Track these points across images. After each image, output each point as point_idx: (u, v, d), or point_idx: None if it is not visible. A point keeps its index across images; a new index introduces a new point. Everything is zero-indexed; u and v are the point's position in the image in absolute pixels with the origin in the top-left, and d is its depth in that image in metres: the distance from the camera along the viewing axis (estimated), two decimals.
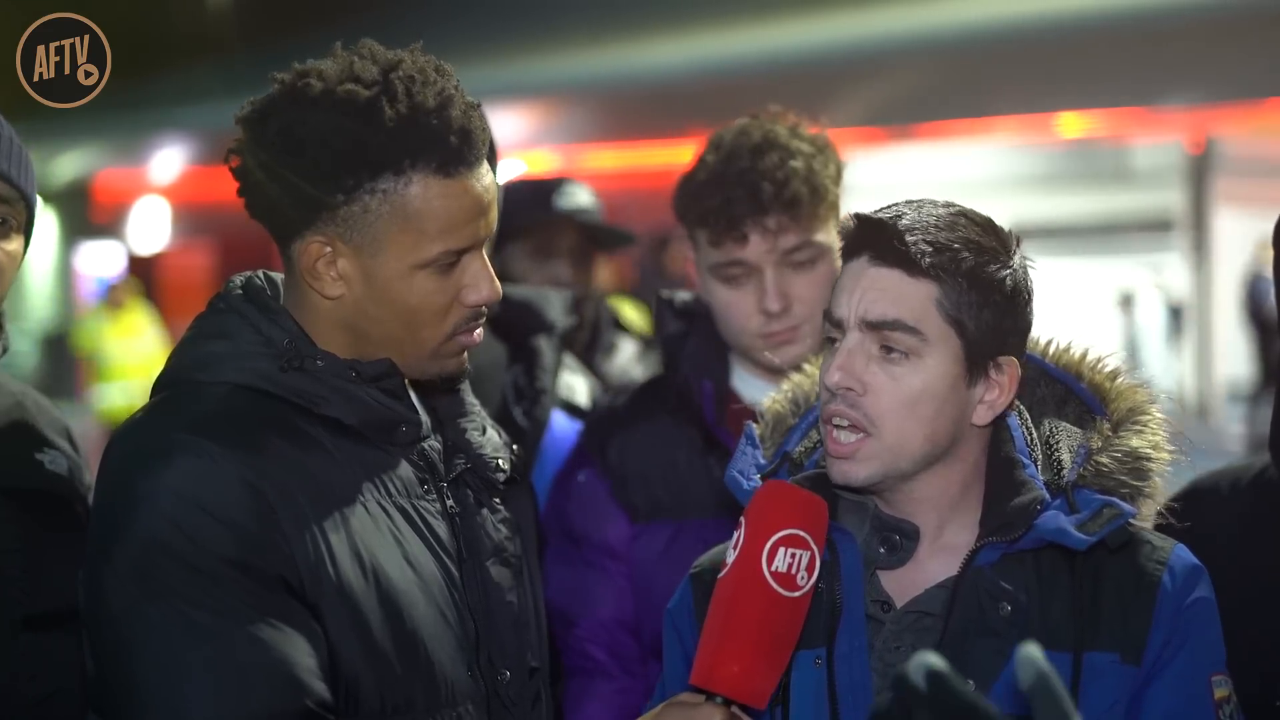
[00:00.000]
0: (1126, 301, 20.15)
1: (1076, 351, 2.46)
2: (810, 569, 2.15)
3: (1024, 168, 20.65)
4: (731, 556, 2.17)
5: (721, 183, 3.03)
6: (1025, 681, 1.74)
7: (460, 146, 2.28)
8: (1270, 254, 2.70)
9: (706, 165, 3.08)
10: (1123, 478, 2.29)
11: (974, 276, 2.22)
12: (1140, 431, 2.34)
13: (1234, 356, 19.00)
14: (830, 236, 3.06)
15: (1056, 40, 13.98)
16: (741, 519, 2.20)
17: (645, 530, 3.13)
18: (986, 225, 2.27)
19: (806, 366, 2.57)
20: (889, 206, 2.29)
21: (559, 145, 17.83)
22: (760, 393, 3.14)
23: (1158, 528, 2.39)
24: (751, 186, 3.00)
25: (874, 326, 2.22)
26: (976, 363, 2.25)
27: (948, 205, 2.29)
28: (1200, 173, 19.72)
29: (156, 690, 2.14)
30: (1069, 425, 2.38)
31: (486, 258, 2.37)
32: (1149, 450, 2.32)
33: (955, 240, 2.22)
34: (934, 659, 1.71)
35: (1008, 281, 2.24)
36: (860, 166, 3.14)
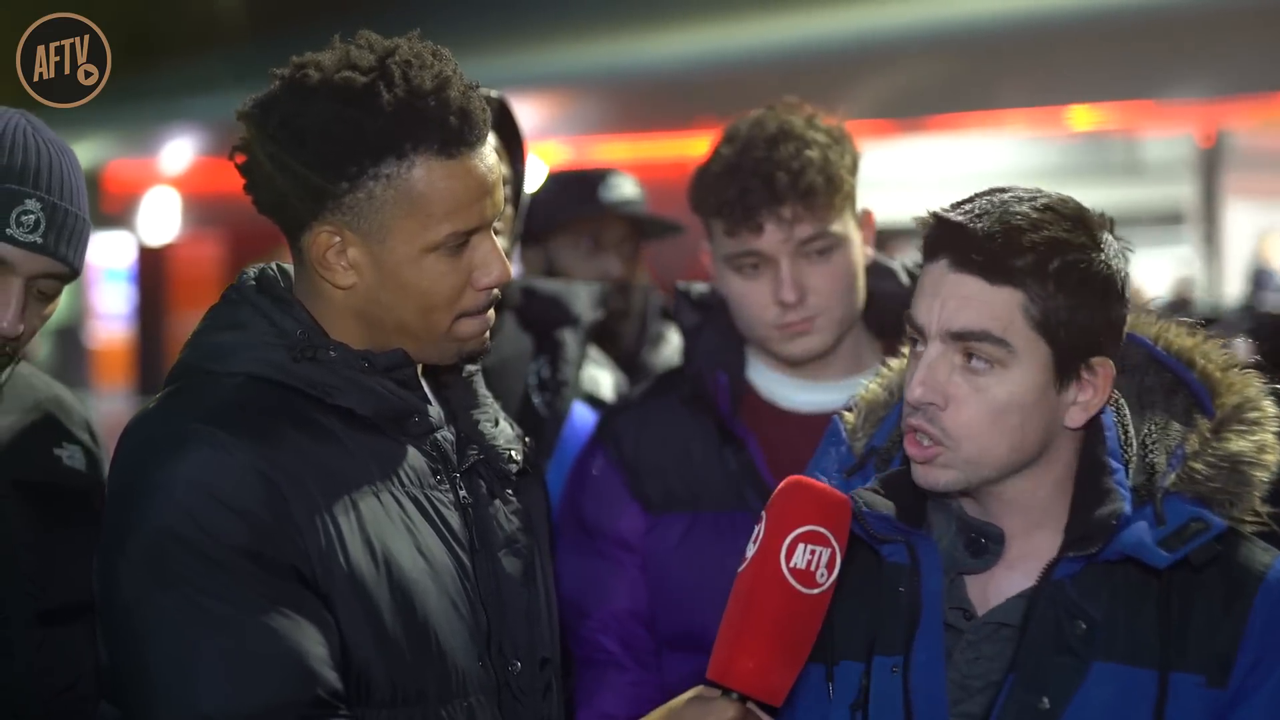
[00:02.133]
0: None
1: (1192, 336, 2.30)
2: (830, 566, 2.13)
3: (1034, 160, 20.60)
4: (751, 551, 2.15)
5: (737, 173, 3.01)
6: None
7: (461, 127, 2.28)
8: (1268, 247, 2.63)
9: (722, 156, 3.06)
10: (1218, 485, 2.16)
11: (1062, 279, 2.11)
12: (1246, 432, 2.19)
13: (1242, 349, 18.94)
14: (846, 227, 3.05)
15: (1067, 33, 13.96)
16: (763, 513, 2.18)
17: (659, 522, 3.12)
18: (1076, 218, 2.16)
19: (894, 361, 2.47)
20: (971, 202, 2.18)
21: (569, 137, 17.82)
22: (775, 385, 3.15)
23: None
24: (767, 177, 2.98)
25: (958, 337, 2.14)
26: (1068, 367, 2.15)
27: (1033, 198, 2.17)
28: (1211, 166, 19.67)
29: (168, 679, 2.15)
30: (1174, 422, 2.24)
31: (495, 238, 2.37)
32: (1252, 454, 2.17)
33: (1041, 241, 2.11)
34: None
35: (1098, 278, 2.14)
36: (870, 159, 3.12)
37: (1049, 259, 2.12)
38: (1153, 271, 20.41)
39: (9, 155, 2.55)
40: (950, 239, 2.16)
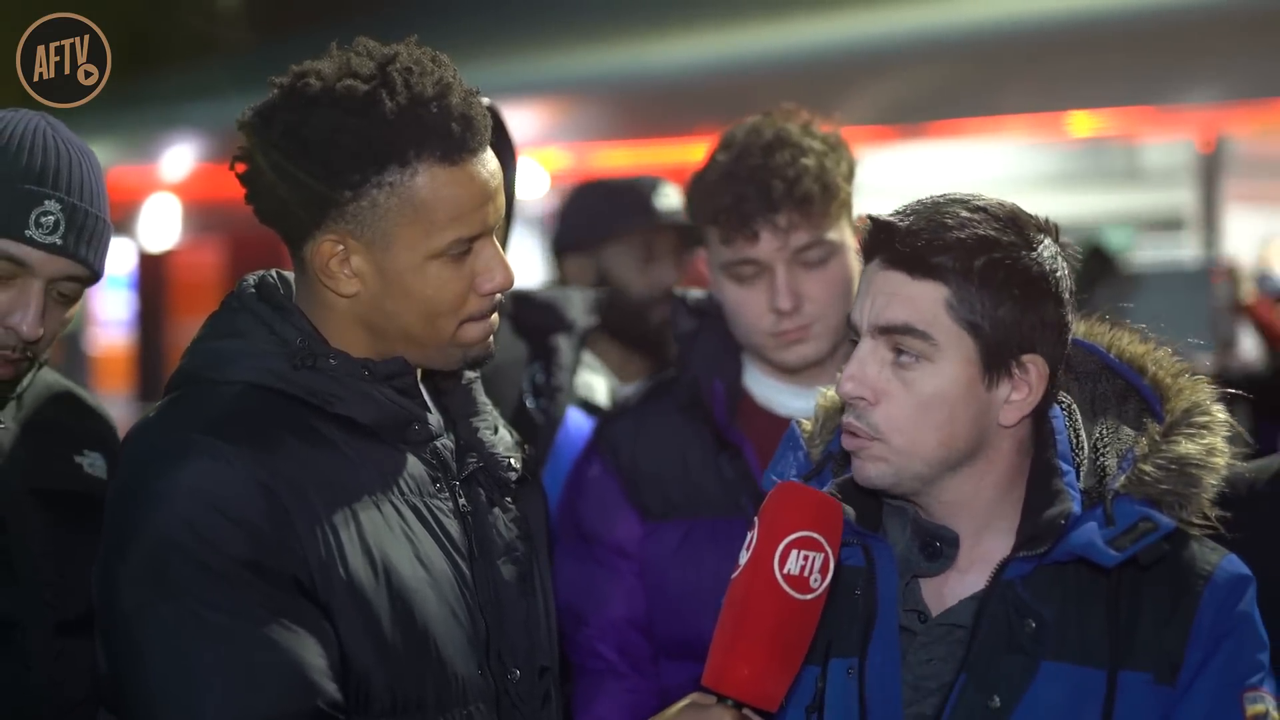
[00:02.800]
0: None
1: (1143, 344, 2.35)
2: (824, 571, 2.13)
3: (1035, 166, 20.58)
4: (745, 558, 2.16)
5: (733, 180, 3.02)
6: None
7: (463, 133, 2.29)
8: (1272, 253, 2.65)
9: (718, 163, 3.07)
10: (1167, 487, 2.20)
11: (986, 275, 2.15)
12: (1194, 435, 2.24)
13: (1243, 355, 18.92)
14: (843, 235, 3.05)
15: (1067, 39, 13.94)
16: (755, 520, 2.18)
17: (657, 529, 3.12)
18: (1008, 218, 2.20)
19: None
20: (905, 206, 2.24)
21: (571, 143, 17.81)
22: (772, 392, 3.15)
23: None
24: (763, 184, 2.99)
25: (885, 331, 2.18)
26: (996, 363, 2.18)
27: (968, 200, 2.21)
28: (1211, 172, 19.64)
29: (168, 690, 2.15)
30: (1126, 427, 2.29)
31: (498, 244, 2.38)
32: (1200, 456, 2.22)
33: (967, 237, 2.16)
34: None
35: (1026, 276, 2.17)
36: (871, 165, 3.11)
37: (974, 255, 2.16)
38: None
39: (28, 156, 2.55)
40: (880, 238, 2.22)
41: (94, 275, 2.61)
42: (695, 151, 3.42)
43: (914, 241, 2.17)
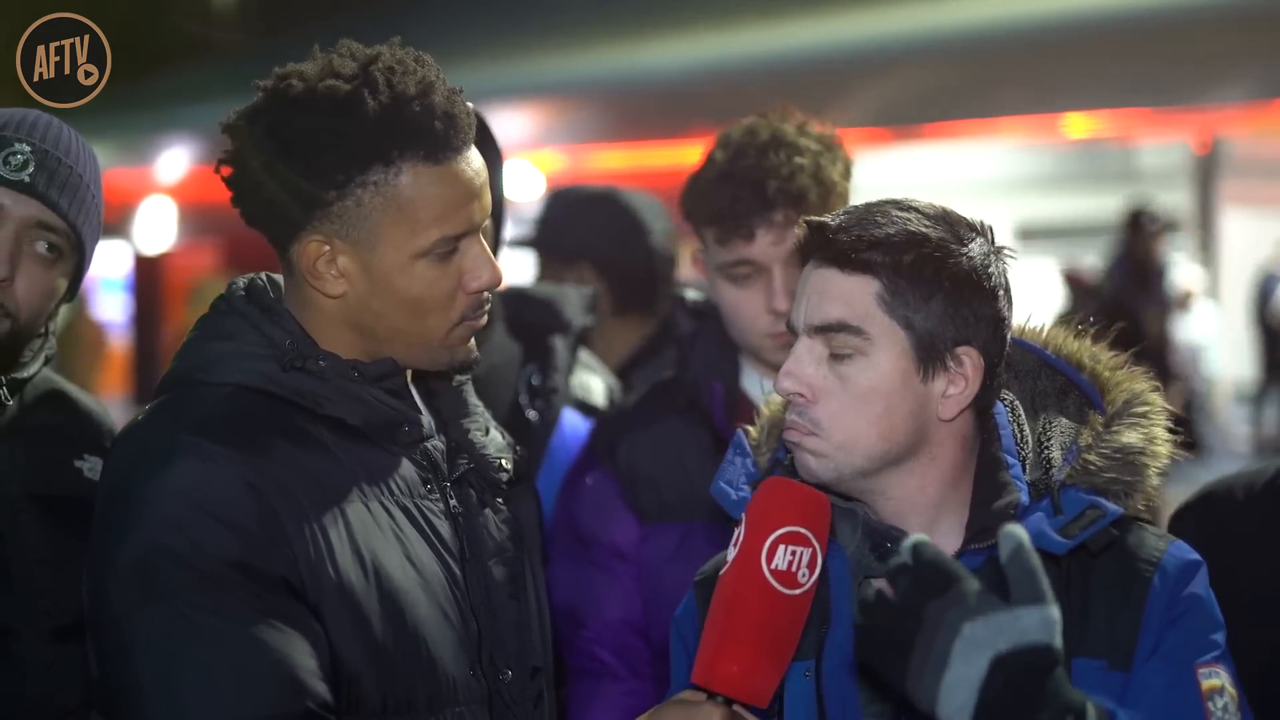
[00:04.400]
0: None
1: (1080, 340, 2.38)
2: (812, 566, 2.13)
3: (1030, 168, 20.64)
4: (732, 554, 2.15)
5: (728, 181, 3.01)
6: (1004, 555, 1.83)
7: (446, 131, 2.28)
8: None
9: (714, 164, 3.06)
10: (1112, 475, 2.23)
11: (917, 268, 2.17)
12: (1136, 424, 2.27)
13: (1239, 358, 18.96)
14: None
15: (1063, 41, 13.97)
16: (742, 516, 2.17)
17: (654, 532, 3.11)
18: (939, 217, 2.22)
19: None
20: (841, 209, 2.26)
21: (566, 145, 17.84)
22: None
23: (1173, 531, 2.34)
24: (758, 184, 2.98)
25: (820, 330, 2.20)
26: (930, 356, 2.19)
27: (899, 201, 2.24)
28: (1207, 173, 19.69)
29: (158, 692, 2.14)
30: (1066, 420, 2.32)
31: (485, 242, 2.36)
32: (1143, 444, 2.26)
33: (896, 233, 2.17)
34: (921, 536, 1.83)
35: (957, 270, 2.18)
36: (866, 167, 3.11)
37: (903, 250, 2.17)
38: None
39: (9, 117, 2.57)
40: (814, 239, 2.23)
41: (72, 230, 2.58)
42: (690, 154, 3.40)
43: (844, 238, 2.19)
